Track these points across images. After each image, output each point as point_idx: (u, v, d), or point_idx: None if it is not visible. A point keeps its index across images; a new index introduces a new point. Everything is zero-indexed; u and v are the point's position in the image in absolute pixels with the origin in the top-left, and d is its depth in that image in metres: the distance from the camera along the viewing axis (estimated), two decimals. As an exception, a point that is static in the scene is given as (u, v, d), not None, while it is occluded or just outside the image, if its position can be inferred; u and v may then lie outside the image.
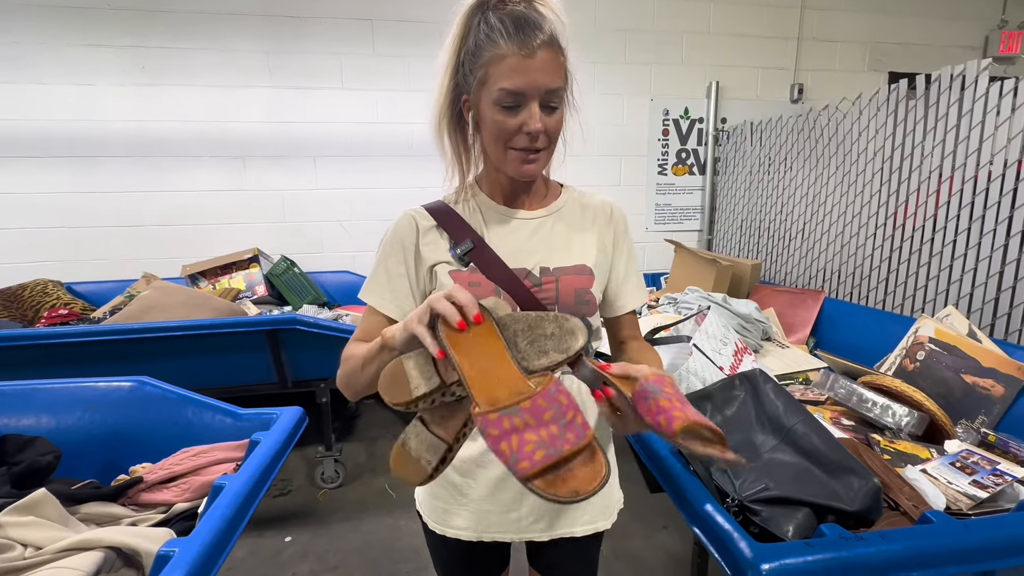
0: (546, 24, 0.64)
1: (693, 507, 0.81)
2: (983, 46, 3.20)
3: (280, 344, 1.87)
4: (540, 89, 0.64)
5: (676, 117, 3.01)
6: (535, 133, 0.65)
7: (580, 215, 0.79)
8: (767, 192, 2.54)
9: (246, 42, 2.53)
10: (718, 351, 1.21)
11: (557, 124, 0.68)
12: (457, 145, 0.73)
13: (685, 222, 3.14)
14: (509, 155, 0.69)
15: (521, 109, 0.65)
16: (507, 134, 0.67)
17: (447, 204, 0.77)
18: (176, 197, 2.59)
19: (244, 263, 2.53)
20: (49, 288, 2.26)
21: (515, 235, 0.75)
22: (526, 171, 0.70)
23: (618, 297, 0.80)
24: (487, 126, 0.68)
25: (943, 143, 1.63)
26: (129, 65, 2.45)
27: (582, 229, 0.78)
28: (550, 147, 0.70)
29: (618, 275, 0.79)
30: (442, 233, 0.75)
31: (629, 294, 0.80)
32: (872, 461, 0.93)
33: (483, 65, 0.65)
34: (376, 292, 0.75)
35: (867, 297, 1.95)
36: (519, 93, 0.64)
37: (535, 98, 0.64)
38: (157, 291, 1.95)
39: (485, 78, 0.65)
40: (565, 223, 0.77)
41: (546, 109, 0.66)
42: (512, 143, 0.68)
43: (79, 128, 2.45)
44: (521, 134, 0.66)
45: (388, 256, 0.76)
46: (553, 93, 0.65)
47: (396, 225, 0.77)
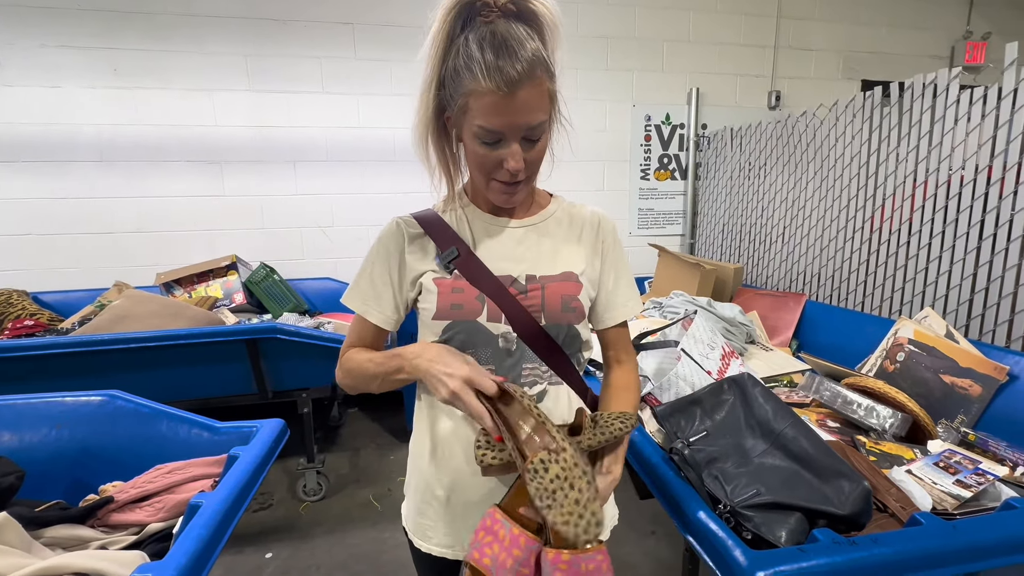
0: (529, 45, 0.60)
1: (686, 515, 0.80)
2: (950, 56, 3.32)
3: (260, 354, 1.82)
4: (520, 129, 0.62)
5: (658, 123, 3.04)
6: (515, 171, 0.65)
7: (568, 225, 0.78)
8: (748, 196, 2.58)
9: (225, 45, 2.48)
10: (706, 355, 1.21)
11: (539, 154, 0.67)
12: (444, 156, 0.71)
13: (668, 226, 3.17)
14: (491, 185, 0.69)
15: (501, 145, 0.64)
16: (488, 167, 0.66)
17: (436, 212, 0.76)
18: (150, 203, 2.51)
19: (222, 270, 2.46)
20: (14, 298, 2.16)
21: (502, 243, 0.74)
22: (505, 201, 0.71)
23: (608, 309, 0.78)
24: (469, 154, 0.68)
25: (917, 149, 1.68)
26: (101, 67, 2.38)
27: (570, 239, 0.77)
28: (533, 176, 0.70)
29: (607, 286, 0.78)
30: (429, 242, 0.74)
31: (619, 306, 0.78)
32: (859, 463, 0.94)
33: (463, 95, 0.62)
34: (359, 298, 0.75)
35: (847, 299, 1.99)
36: (498, 132, 0.62)
37: (515, 138, 0.63)
38: (129, 300, 1.88)
39: (465, 108, 0.63)
40: (553, 233, 0.76)
41: (527, 143, 0.65)
42: (493, 175, 0.67)
43: (48, 131, 2.36)
44: (502, 169, 0.65)
45: (374, 263, 0.75)
46: (535, 129, 0.63)
47: (383, 232, 0.76)
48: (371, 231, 2.76)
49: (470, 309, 0.70)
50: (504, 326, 0.70)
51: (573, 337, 0.74)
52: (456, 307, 0.70)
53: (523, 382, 0.72)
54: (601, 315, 0.79)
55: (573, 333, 0.74)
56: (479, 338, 0.71)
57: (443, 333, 0.71)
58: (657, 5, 2.91)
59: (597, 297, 0.78)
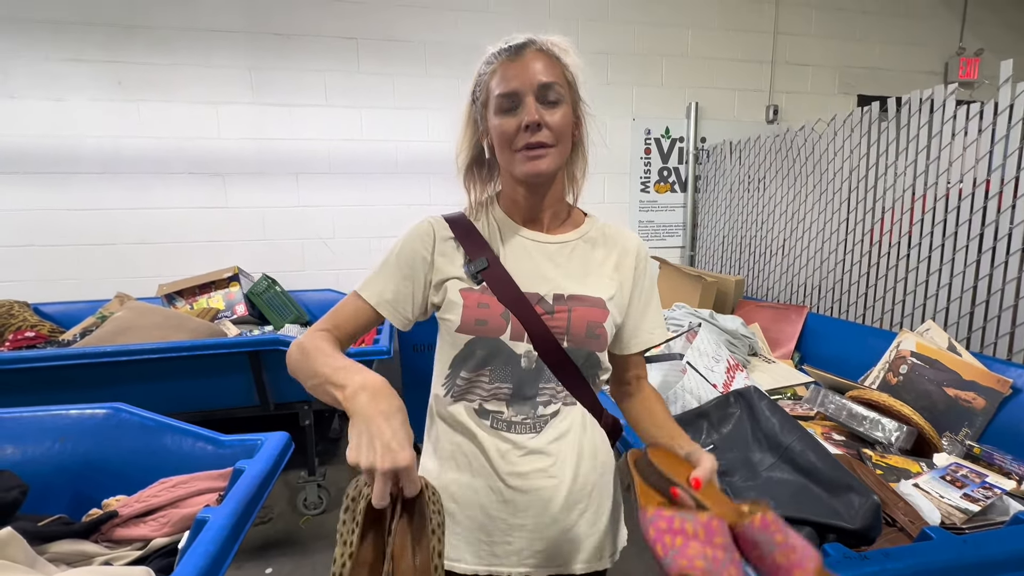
0: (540, 41, 0.67)
1: (696, 529, 0.80)
2: (944, 71, 3.37)
3: (262, 365, 1.82)
4: (532, 84, 0.65)
5: (658, 136, 3.07)
6: (532, 124, 0.65)
7: (603, 246, 0.76)
8: (747, 209, 2.60)
9: (228, 58, 2.50)
10: (711, 368, 1.22)
11: (561, 120, 0.67)
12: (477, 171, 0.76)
13: (668, 239, 3.19)
14: (516, 157, 0.68)
15: (518, 109, 0.66)
16: (509, 136, 0.67)
17: (467, 218, 0.75)
18: (152, 215, 2.52)
19: (223, 282, 2.46)
20: (15, 309, 2.16)
21: (532, 258, 0.73)
22: (532, 168, 0.67)
23: (634, 335, 0.77)
24: (495, 137, 0.69)
25: (915, 163, 1.70)
26: (105, 80, 2.40)
27: (602, 261, 0.75)
28: (558, 145, 0.68)
29: (635, 314, 0.77)
30: (459, 246, 0.73)
31: (645, 333, 0.78)
32: (867, 477, 0.94)
33: (484, 87, 0.68)
34: (376, 291, 0.72)
35: (848, 311, 2.00)
36: (513, 93, 0.66)
37: (529, 93, 0.66)
38: (131, 312, 1.87)
39: (487, 97, 0.68)
40: (584, 252, 0.75)
41: (544, 104, 0.66)
42: (515, 143, 0.67)
43: (52, 144, 2.38)
44: (522, 132, 0.66)
45: (399, 257, 0.73)
46: (548, 88, 0.66)
47: (414, 229, 0.74)
48: (373, 243, 2.77)
49: (494, 326, 0.69)
50: (526, 344, 0.70)
51: (594, 362, 0.73)
52: (480, 323, 0.69)
53: (538, 400, 0.72)
54: (627, 341, 0.78)
55: (594, 359, 0.73)
56: (500, 356, 0.70)
57: (465, 347, 0.71)
58: (656, 22, 2.96)
59: (624, 323, 0.77)
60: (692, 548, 0.48)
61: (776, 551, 0.50)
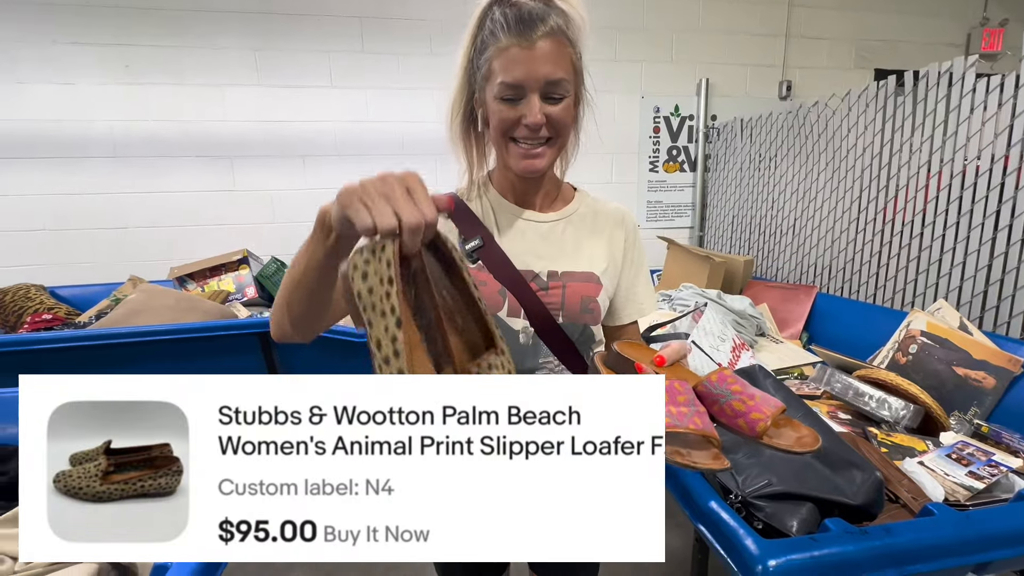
0: (552, 18, 0.63)
1: (697, 504, 0.81)
2: (966, 43, 3.26)
3: (272, 346, 1.85)
4: (540, 80, 0.63)
5: (667, 114, 3.01)
6: (533, 126, 0.64)
7: (592, 221, 0.77)
8: (758, 188, 2.56)
9: (234, 39, 2.48)
10: (716, 347, 1.22)
11: (562, 114, 0.66)
12: (469, 144, 0.72)
13: (676, 219, 3.16)
14: (511, 149, 0.67)
15: (522, 102, 0.64)
16: (507, 125, 0.65)
17: (460, 197, 0.75)
18: (162, 198, 2.54)
19: (233, 265, 2.48)
20: (32, 292, 2.20)
21: (525, 236, 0.74)
22: (527, 166, 0.68)
23: (624, 306, 0.78)
24: (491, 119, 0.67)
25: (931, 139, 1.65)
26: (113, 63, 2.40)
27: (593, 235, 0.76)
28: (557, 140, 0.68)
29: (626, 285, 0.78)
30: (451, 226, 0.73)
31: (636, 304, 0.79)
32: (871, 454, 0.94)
33: (487, 60, 0.64)
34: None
35: (858, 291, 1.97)
36: (518, 86, 0.63)
37: (535, 90, 0.63)
38: (144, 294, 1.91)
39: (488, 73, 0.65)
40: (576, 228, 0.76)
41: (549, 100, 0.64)
42: (513, 134, 0.66)
43: (61, 128, 2.39)
44: (521, 126, 0.65)
45: None
46: (555, 85, 0.63)
47: None
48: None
49: (491, 303, 0.70)
50: (523, 321, 0.71)
51: (588, 336, 0.75)
52: None
53: (538, 375, 0.73)
54: (618, 312, 0.79)
55: (588, 333, 0.74)
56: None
57: None
58: (666, -5, 2.88)
59: (615, 295, 0.78)
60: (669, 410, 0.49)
61: (733, 399, 0.52)
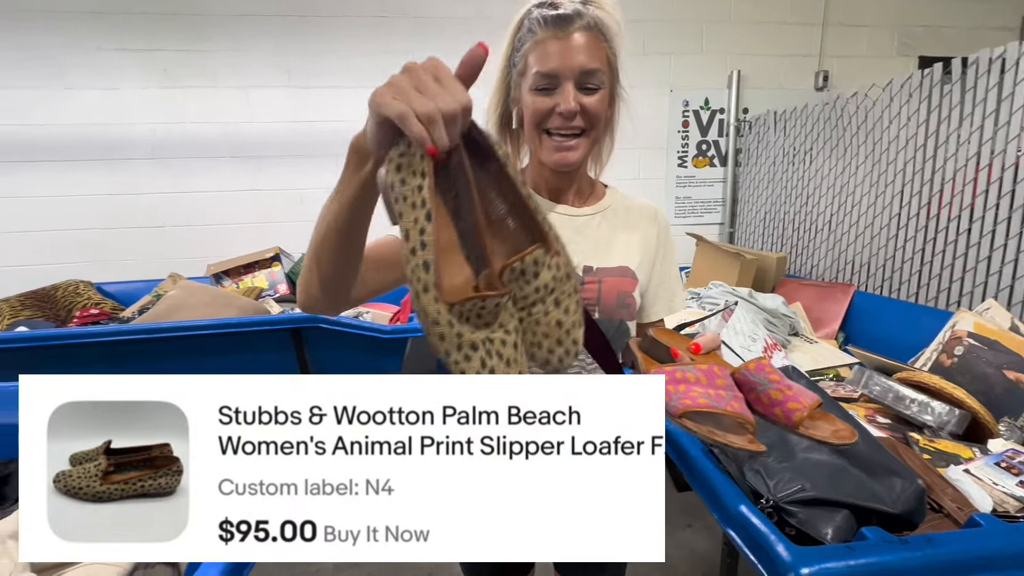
0: (588, 15, 0.64)
1: (727, 508, 0.79)
2: (1020, 27, 3.07)
3: (303, 342, 1.89)
4: (574, 69, 0.63)
5: (696, 108, 2.95)
6: (568, 113, 0.64)
7: (625, 216, 0.77)
8: (791, 183, 2.48)
9: (264, 42, 2.55)
10: (747, 348, 1.18)
11: (597, 106, 0.66)
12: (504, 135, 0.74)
13: (706, 215, 3.09)
14: (544, 142, 0.67)
15: (556, 91, 0.64)
16: (541, 115, 0.65)
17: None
18: (198, 197, 2.63)
19: (266, 262, 2.56)
20: (80, 288, 2.32)
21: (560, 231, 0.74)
22: (561, 159, 0.67)
23: (653, 303, 0.78)
24: (526, 113, 0.68)
25: (981, 129, 1.57)
26: (151, 68, 2.49)
27: (626, 230, 0.76)
28: (591, 132, 0.67)
29: (656, 281, 0.77)
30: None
31: (663, 301, 0.78)
32: (912, 461, 0.90)
33: (523, 56, 0.65)
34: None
35: (899, 290, 1.89)
36: (553, 75, 0.63)
37: (569, 79, 0.63)
38: (183, 291, 1.98)
39: (524, 67, 0.66)
40: (610, 223, 0.76)
41: (583, 90, 0.64)
42: (546, 125, 0.66)
43: (105, 131, 2.50)
44: (555, 115, 0.65)
45: None
46: (590, 75, 0.64)
47: None
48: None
49: None
50: None
51: (623, 332, 0.74)
52: None
53: (570, 372, 0.72)
54: (647, 308, 0.78)
55: (624, 328, 0.73)
56: None
57: None
58: (696, -15, 2.81)
59: (646, 290, 0.77)
60: (695, 391, 0.49)
61: (771, 388, 0.51)
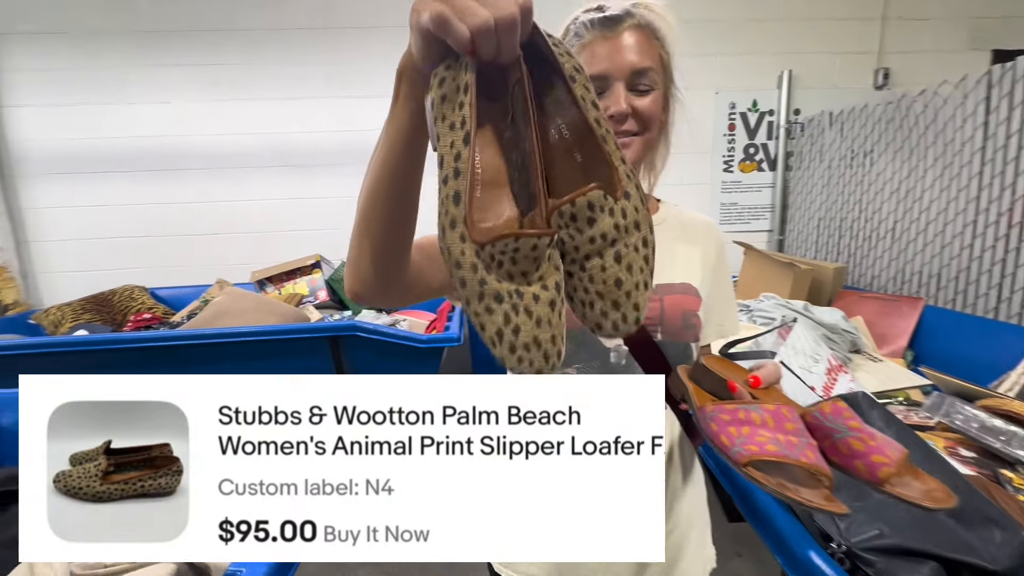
0: (639, 15, 0.61)
1: (793, 553, 0.72)
2: (1112, 14, 2.79)
3: (340, 349, 1.90)
4: (624, 70, 0.59)
5: (744, 110, 2.82)
6: (619, 116, 0.60)
7: (682, 231, 0.72)
8: (849, 188, 2.32)
9: (309, 54, 2.62)
10: (808, 369, 1.09)
11: (650, 107, 0.62)
12: None
13: (753, 222, 2.94)
14: None
15: (605, 94, 0.60)
16: None
17: None
18: (245, 206, 2.72)
19: (307, 268, 2.61)
20: (135, 293, 2.43)
21: None
22: None
23: (706, 324, 0.71)
24: None
25: (1075, 127, 1.41)
26: (203, 82, 2.60)
27: (686, 243, 0.71)
28: (645, 133, 0.63)
29: (711, 300, 0.71)
30: None
31: (713, 324, 0.71)
32: (1008, 504, 0.80)
33: None
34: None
35: (974, 304, 1.73)
36: (602, 77, 0.60)
37: (620, 79, 0.60)
38: (228, 297, 2.03)
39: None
40: (667, 238, 0.70)
41: (635, 92, 0.61)
42: None
43: (162, 143, 2.63)
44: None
45: None
46: (641, 75, 0.60)
47: None
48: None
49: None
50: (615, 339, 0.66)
51: (687, 358, 0.68)
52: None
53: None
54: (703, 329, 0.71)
55: (688, 353, 0.67)
56: (587, 350, 0.66)
57: None
58: (745, -18, 2.70)
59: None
60: (761, 435, 0.43)
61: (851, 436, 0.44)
